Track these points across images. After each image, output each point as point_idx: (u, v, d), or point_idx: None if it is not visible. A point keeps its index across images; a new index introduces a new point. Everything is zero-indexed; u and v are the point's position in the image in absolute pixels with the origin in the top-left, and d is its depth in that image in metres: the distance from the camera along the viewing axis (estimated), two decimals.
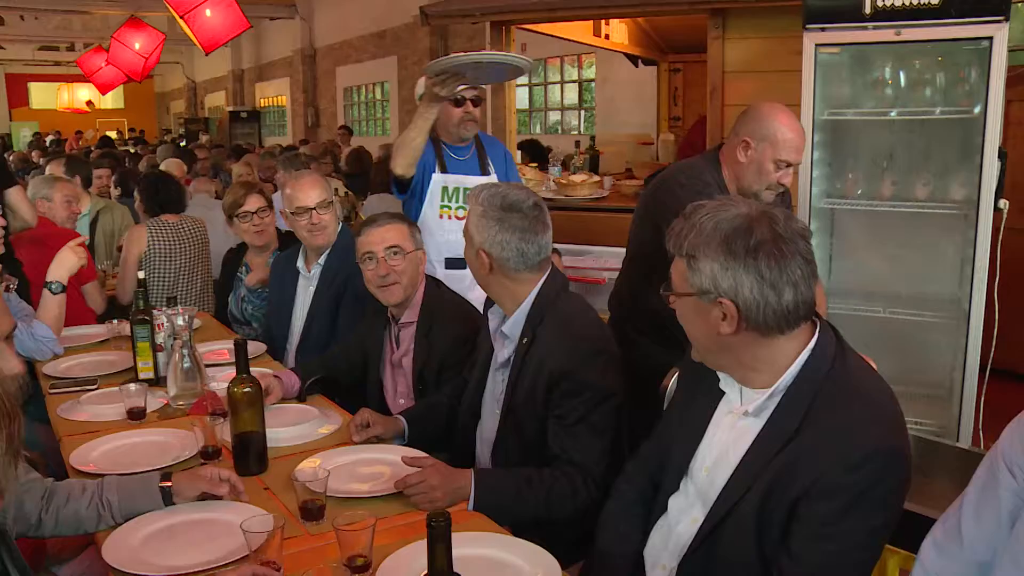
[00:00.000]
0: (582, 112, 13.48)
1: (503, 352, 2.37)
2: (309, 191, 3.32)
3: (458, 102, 3.51)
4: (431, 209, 3.56)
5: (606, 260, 3.82)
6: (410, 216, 3.44)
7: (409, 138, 3.31)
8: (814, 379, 1.62)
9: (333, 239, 3.35)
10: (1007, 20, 3.03)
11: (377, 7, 15.71)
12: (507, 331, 2.34)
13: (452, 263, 3.51)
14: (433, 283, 2.96)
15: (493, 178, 3.60)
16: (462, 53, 3.12)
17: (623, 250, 3.77)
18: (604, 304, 3.39)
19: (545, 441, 2.19)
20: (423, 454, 2.20)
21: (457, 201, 3.55)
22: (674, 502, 1.82)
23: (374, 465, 2.23)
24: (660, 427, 2.00)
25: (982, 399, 3.52)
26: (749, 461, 1.65)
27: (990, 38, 3.06)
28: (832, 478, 1.53)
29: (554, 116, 14.31)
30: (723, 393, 1.76)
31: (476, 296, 3.04)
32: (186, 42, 12.82)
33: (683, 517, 1.77)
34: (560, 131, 13.54)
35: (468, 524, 1.91)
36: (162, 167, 7.23)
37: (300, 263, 3.45)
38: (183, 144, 18.82)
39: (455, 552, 1.71)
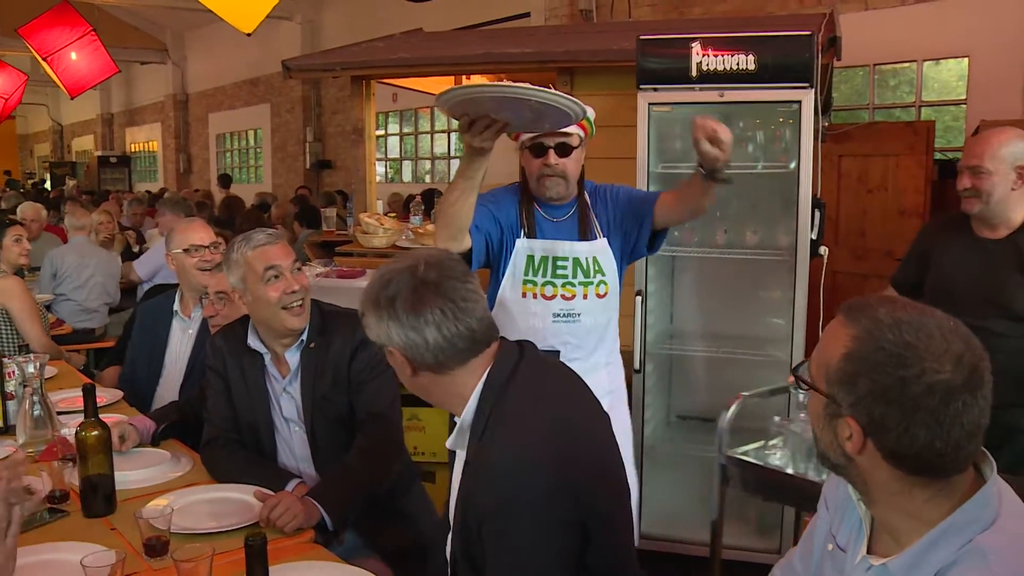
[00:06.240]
0: (452, 161, 13.71)
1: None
2: (202, 231, 3.50)
3: (536, 149, 2.74)
4: (512, 285, 2.81)
5: None
6: (488, 294, 2.74)
7: (448, 202, 2.57)
8: (486, 408, 1.72)
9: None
10: (812, 87, 3.37)
11: (250, 54, 15.72)
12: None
13: None
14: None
15: (597, 245, 2.82)
16: (490, 83, 2.39)
17: None
18: None
19: None
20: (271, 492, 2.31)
21: (545, 275, 2.79)
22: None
23: (222, 503, 2.31)
24: None
25: None
26: (457, 494, 1.77)
27: (799, 101, 3.40)
28: (483, 500, 1.64)
29: (428, 164, 14.52)
30: None
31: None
32: (52, 83, 12.52)
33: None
34: (430, 180, 13.73)
35: (307, 555, 2.04)
36: (19, 212, 7.12)
37: (176, 306, 3.48)
38: (47, 190, 18.24)
39: None
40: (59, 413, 2.89)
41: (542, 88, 2.25)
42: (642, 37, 3.61)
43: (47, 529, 2.18)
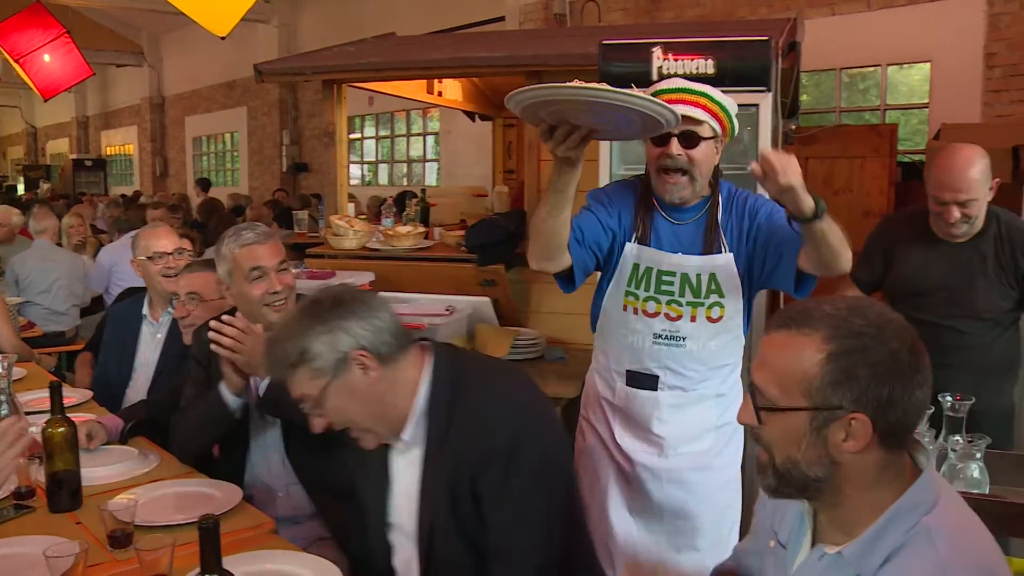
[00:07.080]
0: (428, 164, 13.75)
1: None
2: (164, 238, 3.54)
3: (658, 136, 2.31)
4: (614, 294, 2.48)
5: (426, 307, 4.01)
6: (593, 300, 2.56)
7: (538, 219, 2.28)
8: (443, 386, 1.82)
9: None
10: (770, 90, 3.45)
11: (226, 57, 15.68)
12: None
13: (636, 378, 2.49)
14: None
15: (718, 261, 2.39)
16: (562, 85, 1.95)
17: (444, 297, 4.04)
18: None
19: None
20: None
21: (648, 289, 2.42)
22: (398, 563, 1.97)
23: (186, 497, 2.36)
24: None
25: None
26: (426, 481, 1.83)
27: (757, 105, 3.48)
28: (482, 450, 1.73)
29: (404, 167, 14.57)
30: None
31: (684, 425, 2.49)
32: (25, 85, 12.46)
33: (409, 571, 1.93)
34: (407, 182, 13.77)
35: (266, 544, 2.09)
36: None
37: (145, 311, 3.51)
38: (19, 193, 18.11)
39: (249, 567, 1.89)
40: (28, 413, 2.90)
41: (624, 91, 1.96)
42: (604, 42, 3.67)
43: (11, 524, 2.21)
